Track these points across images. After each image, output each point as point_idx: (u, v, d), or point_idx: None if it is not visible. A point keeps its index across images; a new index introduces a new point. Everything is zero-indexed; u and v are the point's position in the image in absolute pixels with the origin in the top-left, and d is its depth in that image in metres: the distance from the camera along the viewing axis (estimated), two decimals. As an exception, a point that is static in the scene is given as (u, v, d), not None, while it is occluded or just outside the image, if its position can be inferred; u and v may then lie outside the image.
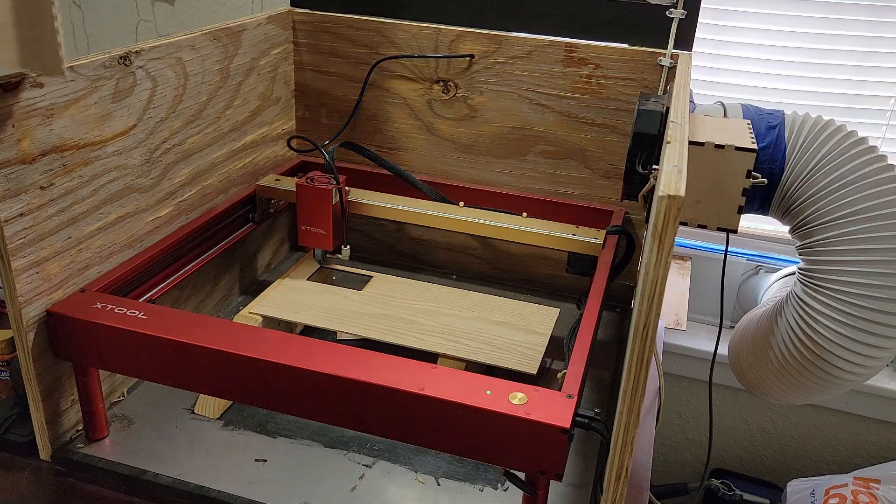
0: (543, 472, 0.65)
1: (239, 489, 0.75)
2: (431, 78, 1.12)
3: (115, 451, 0.80)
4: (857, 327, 0.94)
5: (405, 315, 0.94)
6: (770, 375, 1.05)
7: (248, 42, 1.03)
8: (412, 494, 0.77)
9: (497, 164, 1.14)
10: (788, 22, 1.30)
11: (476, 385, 0.67)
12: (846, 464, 1.50)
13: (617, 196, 1.08)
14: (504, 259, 1.19)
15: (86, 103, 0.76)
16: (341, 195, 1.04)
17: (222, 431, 0.84)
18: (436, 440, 0.68)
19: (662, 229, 0.49)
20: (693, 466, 1.61)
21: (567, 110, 1.08)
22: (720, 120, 0.94)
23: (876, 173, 0.93)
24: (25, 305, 0.73)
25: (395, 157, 1.17)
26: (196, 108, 0.95)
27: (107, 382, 0.84)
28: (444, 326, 0.92)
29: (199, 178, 0.98)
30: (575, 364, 0.71)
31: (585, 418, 0.65)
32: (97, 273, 0.82)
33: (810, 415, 1.48)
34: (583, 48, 1.05)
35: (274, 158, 1.16)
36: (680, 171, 0.53)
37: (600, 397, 0.94)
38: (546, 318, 0.95)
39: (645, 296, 0.52)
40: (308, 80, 1.18)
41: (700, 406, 1.55)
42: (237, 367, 0.70)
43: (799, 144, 0.97)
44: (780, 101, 1.32)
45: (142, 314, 0.74)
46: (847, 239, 0.94)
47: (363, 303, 0.96)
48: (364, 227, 1.23)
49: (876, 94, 1.32)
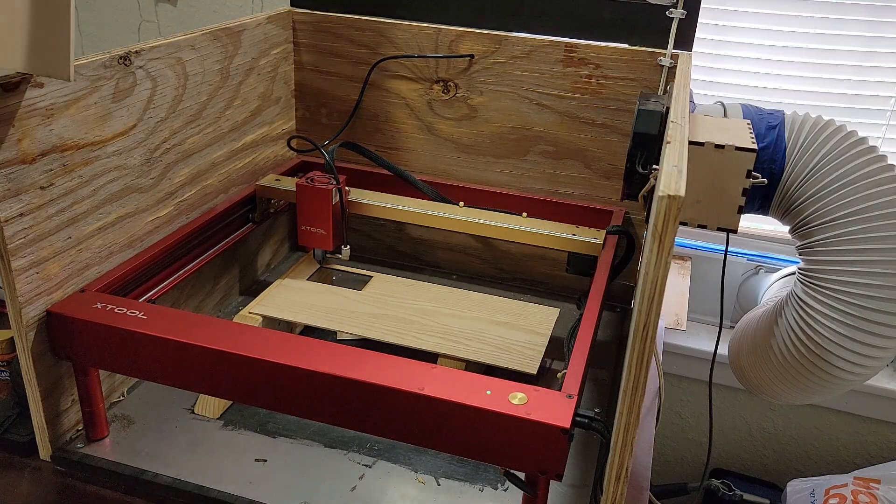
0: (543, 472, 0.65)
1: (239, 489, 0.75)
2: (431, 78, 1.12)
3: (115, 451, 0.80)
4: (857, 327, 0.94)
5: (405, 315, 0.94)
6: (770, 375, 1.05)
7: (248, 42, 1.03)
8: (412, 494, 0.77)
9: (497, 164, 1.14)
10: (788, 22, 1.30)
11: (476, 385, 0.67)
12: (846, 464, 1.50)
13: (617, 196, 1.08)
14: (504, 259, 1.19)
15: (86, 103, 0.76)
16: (341, 195, 1.04)
17: (222, 431, 0.84)
18: (436, 440, 0.68)
19: (662, 229, 0.49)
20: (693, 466, 1.61)
21: (567, 110, 1.08)
22: (720, 120, 0.94)
23: (876, 173, 0.93)
24: (25, 305, 0.73)
25: (395, 157, 1.17)
26: (196, 108, 0.95)
27: (107, 382, 0.84)
28: (444, 326, 0.92)
29: (199, 178, 0.98)
30: (575, 364, 0.71)
31: (585, 418, 0.65)
32: (97, 273, 0.82)
33: (810, 415, 1.48)
34: (583, 48, 1.05)
35: (274, 158, 1.16)
36: (680, 171, 0.53)
37: (600, 397, 0.94)
38: (546, 318, 0.95)
39: (645, 296, 0.52)
40: (308, 80, 1.18)
41: (700, 406, 1.55)
42: (237, 367, 0.70)
43: (799, 144, 0.97)
44: (780, 101, 1.32)
45: (142, 314, 0.74)
46: (847, 239, 0.93)
47: (363, 303, 0.96)
48: (364, 227, 1.23)
49: (876, 94, 1.32)
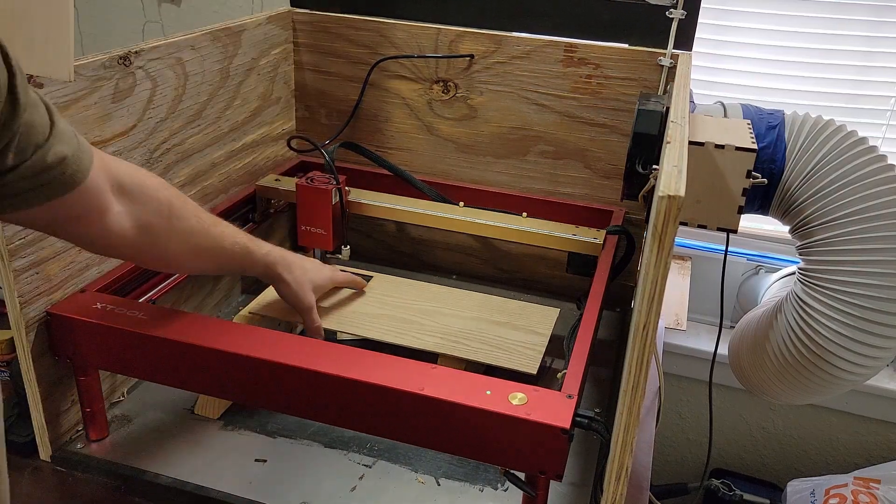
0: (543, 472, 0.65)
1: (239, 489, 0.75)
2: (431, 78, 1.12)
3: (115, 451, 0.80)
4: (857, 327, 0.94)
5: (405, 315, 0.94)
6: (770, 375, 1.05)
7: (248, 42, 1.03)
8: (412, 494, 0.77)
9: (497, 164, 1.14)
10: (789, 22, 1.30)
11: (476, 385, 0.67)
12: (846, 464, 1.50)
13: (617, 196, 1.08)
14: (504, 259, 1.19)
15: (86, 103, 0.76)
16: (341, 195, 1.04)
17: (222, 431, 0.84)
18: (436, 440, 0.68)
19: (662, 229, 0.49)
20: (693, 466, 1.61)
21: (567, 110, 1.08)
22: (720, 120, 0.94)
23: (876, 173, 0.93)
24: (25, 305, 0.73)
25: (395, 157, 1.17)
26: (196, 109, 0.95)
27: (107, 382, 0.84)
28: (444, 326, 0.91)
29: (199, 178, 0.98)
30: (575, 364, 0.71)
31: (585, 418, 0.65)
32: (97, 273, 0.82)
33: (810, 415, 1.48)
34: (583, 48, 1.05)
35: (274, 158, 1.16)
36: (680, 171, 0.53)
37: (600, 397, 0.94)
38: (546, 318, 0.95)
39: (645, 296, 0.52)
40: (308, 80, 1.18)
41: (700, 406, 1.55)
42: (237, 367, 0.70)
43: (799, 144, 0.97)
44: (780, 101, 1.32)
45: (142, 314, 0.74)
46: (847, 239, 0.93)
47: (363, 303, 0.96)
48: (364, 227, 1.23)
49: (876, 94, 1.32)
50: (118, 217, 0.64)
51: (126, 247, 0.67)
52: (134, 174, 0.66)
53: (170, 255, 0.72)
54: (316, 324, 0.87)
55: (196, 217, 0.73)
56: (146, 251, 0.69)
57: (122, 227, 0.65)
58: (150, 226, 0.67)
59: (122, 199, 0.64)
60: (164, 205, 0.68)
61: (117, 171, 0.64)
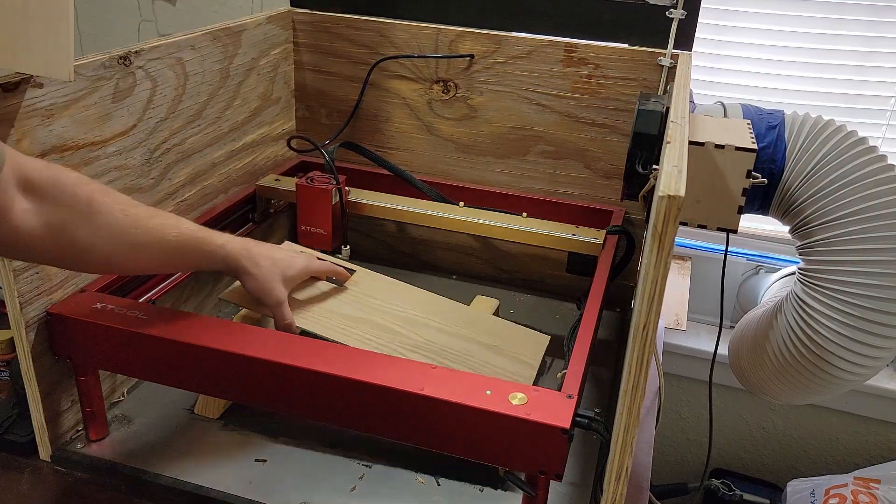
0: (543, 472, 0.65)
1: (239, 489, 0.75)
2: (431, 78, 1.12)
3: (115, 451, 0.80)
4: (857, 327, 0.94)
5: (387, 323, 0.87)
6: (770, 375, 1.05)
7: (248, 42, 1.03)
8: (412, 494, 0.77)
9: (497, 164, 1.14)
10: (789, 22, 1.30)
11: (476, 385, 0.67)
12: (846, 464, 1.50)
13: (617, 196, 1.08)
14: (504, 259, 1.19)
15: (86, 103, 0.76)
16: (341, 195, 1.04)
17: (222, 431, 0.84)
18: (436, 440, 0.68)
19: (662, 229, 0.49)
20: (693, 466, 1.61)
21: (567, 110, 1.08)
22: (720, 120, 0.94)
23: (876, 173, 0.93)
24: (25, 305, 0.73)
25: (395, 157, 1.17)
26: (196, 108, 0.95)
27: (107, 382, 0.84)
28: (427, 342, 0.85)
29: (199, 178, 0.98)
30: (575, 364, 0.71)
31: (585, 418, 0.65)
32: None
33: (810, 415, 1.48)
34: (583, 48, 1.05)
35: (274, 158, 1.16)
36: (680, 171, 0.53)
37: (600, 397, 0.94)
38: (536, 346, 0.90)
39: (645, 296, 0.52)
40: (308, 80, 1.18)
41: (700, 406, 1.55)
42: (237, 367, 0.70)
43: (799, 144, 0.97)
44: (780, 101, 1.32)
45: (142, 314, 0.74)
46: (847, 239, 0.93)
47: (342, 301, 0.90)
48: (364, 227, 1.23)
49: (876, 94, 1.32)
50: (24, 215, 0.61)
51: (37, 247, 0.63)
52: (45, 171, 0.63)
53: (97, 255, 0.67)
54: (287, 320, 0.80)
55: (122, 211, 0.68)
56: (65, 251, 0.66)
57: (30, 226, 0.62)
58: (66, 224, 0.64)
59: (31, 196, 0.61)
60: (81, 201, 0.65)
61: (28, 168, 0.61)
